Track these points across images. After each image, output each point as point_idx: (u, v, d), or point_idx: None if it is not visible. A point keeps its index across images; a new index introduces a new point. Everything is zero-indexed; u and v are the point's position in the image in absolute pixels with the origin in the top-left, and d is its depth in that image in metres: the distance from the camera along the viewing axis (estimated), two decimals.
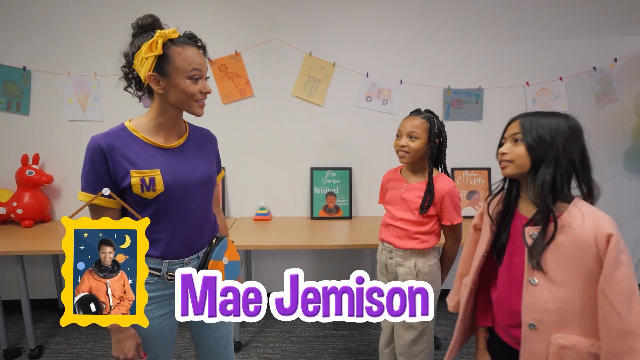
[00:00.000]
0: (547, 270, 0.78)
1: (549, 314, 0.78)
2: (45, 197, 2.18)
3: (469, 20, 2.19)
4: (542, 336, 0.79)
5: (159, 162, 0.92)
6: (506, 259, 0.90)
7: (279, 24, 2.15)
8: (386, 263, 1.37)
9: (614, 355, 0.71)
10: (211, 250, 1.01)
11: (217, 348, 1.11)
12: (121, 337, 0.91)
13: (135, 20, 0.91)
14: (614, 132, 2.33)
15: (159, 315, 0.97)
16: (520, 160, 0.83)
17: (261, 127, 2.24)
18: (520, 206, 0.90)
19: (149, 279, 0.95)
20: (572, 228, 0.76)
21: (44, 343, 2.01)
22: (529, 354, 0.81)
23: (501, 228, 0.91)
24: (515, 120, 0.88)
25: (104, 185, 0.87)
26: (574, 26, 2.21)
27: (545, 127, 0.82)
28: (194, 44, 0.91)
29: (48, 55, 2.12)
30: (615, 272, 0.71)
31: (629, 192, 2.41)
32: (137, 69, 0.91)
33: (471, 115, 2.28)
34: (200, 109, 0.94)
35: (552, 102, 2.28)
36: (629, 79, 2.27)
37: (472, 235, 1.06)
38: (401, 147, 1.29)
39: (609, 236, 0.73)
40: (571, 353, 0.75)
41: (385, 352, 1.49)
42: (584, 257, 0.75)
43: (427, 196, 1.26)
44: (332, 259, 2.43)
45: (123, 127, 0.92)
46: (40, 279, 2.33)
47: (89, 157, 0.87)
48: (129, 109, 2.16)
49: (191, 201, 0.97)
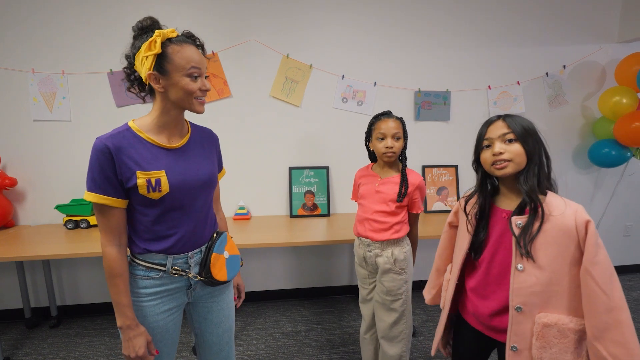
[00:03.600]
0: (534, 255, 0.83)
1: (534, 297, 0.84)
2: (8, 202, 2.06)
3: (437, 30, 2.33)
4: (527, 317, 0.85)
5: (164, 162, 0.93)
6: (487, 253, 0.94)
7: (256, 25, 2.17)
8: (365, 256, 1.46)
9: (602, 330, 0.77)
10: (212, 244, 1.04)
11: (220, 344, 1.13)
12: (132, 335, 0.91)
13: (136, 23, 0.92)
14: (565, 132, 2.58)
15: (164, 310, 0.99)
16: (519, 158, 0.87)
17: (239, 127, 2.25)
18: (499, 200, 0.95)
19: (154, 274, 0.96)
20: (554, 216, 0.83)
21: (11, 355, 1.91)
22: (515, 335, 0.87)
23: (480, 226, 0.96)
24: (495, 121, 0.92)
25: (111, 185, 0.87)
26: (529, 36, 2.42)
27: (526, 126, 0.88)
28: (192, 43, 0.92)
29: (10, 51, 2.00)
30: (597, 254, 0.79)
31: (578, 186, 2.68)
32: (139, 69, 0.92)
33: (440, 116, 2.43)
34: (201, 106, 0.96)
35: (511, 104, 2.48)
36: (576, 84, 2.53)
37: (447, 232, 1.11)
38: (389, 149, 1.36)
39: (587, 222, 0.81)
40: (553, 330, 0.82)
41: (366, 337, 1.58)
42: (566, 242, 0.82)
43: (402, 188, 1.37)
44: (311, 255, 2.49)
45: (128, 128, 0.92)
46: (4, 288, 2.20)
47: (96, 157, 0.86)
48: (100, 109, 2.11)
49: (195, 200, 0.99)
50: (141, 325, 0.94)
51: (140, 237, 0.95)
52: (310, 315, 2.30)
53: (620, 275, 2.87)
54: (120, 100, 2.12)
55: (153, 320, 0.97)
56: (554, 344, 0.83)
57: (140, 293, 0.96)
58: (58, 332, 2.12)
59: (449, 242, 1.11)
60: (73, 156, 2.13)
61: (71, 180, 2.14)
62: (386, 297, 1.41)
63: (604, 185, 2.70)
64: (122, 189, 0.90)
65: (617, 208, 2.74)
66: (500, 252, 0.92)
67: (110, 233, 0.90)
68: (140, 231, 0.95)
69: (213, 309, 1.10)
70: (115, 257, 0.90)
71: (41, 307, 2.26)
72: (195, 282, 1.03)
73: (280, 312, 2.34)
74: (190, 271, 1.00)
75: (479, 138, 0.95)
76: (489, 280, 0.95)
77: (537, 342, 0.84)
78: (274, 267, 2.47)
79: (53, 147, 2.11)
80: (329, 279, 2.55)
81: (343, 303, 2.46)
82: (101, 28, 2.05)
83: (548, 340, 0.83)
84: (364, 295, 1.54)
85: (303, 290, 2.53)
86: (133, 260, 0.97)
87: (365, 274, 1.50)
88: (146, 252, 0.95)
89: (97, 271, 2.28)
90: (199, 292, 1.06)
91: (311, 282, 2.54)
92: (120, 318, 0.91)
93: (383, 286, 1.41)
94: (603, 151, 2.41)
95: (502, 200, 0.95)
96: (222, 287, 1.11)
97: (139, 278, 0.96)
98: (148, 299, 0.96)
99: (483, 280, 0.96)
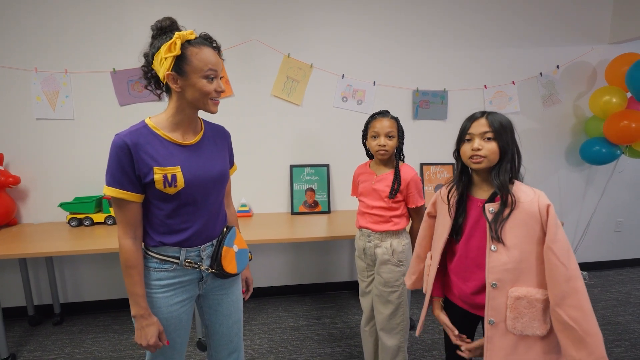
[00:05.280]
0: (504, 238, 0.94)
1: (507, 274, 0.94)
2: (11, 200, 2.07)
3: (436, 31, 2.39)
4: (501, 292, 0.95)
5: (179, 159, 0.97)
6: (465, 236, 1.05)
7: (257, 25, 2.21)
8: (364, 247, 1.52)
9: (562, 297, 0.88)
10: (223, 238, 1.08)
11: (230, 335, 1.17)
12: (144, 324, 0.95)
13: (155, 23, 0.95)
14: (557, 130, 2.66)
15: (177, 302, 1.02)
16: (493, 155, 0.97)
17: (241, 126, 2.28)
18: (474, 191, 1.06)
19: (168, 266, 1.00)
20: (522, 202, 0.94)
21: (16, 352, 1.92)
22: (492, 310, 0.97)
23: (459, 212, 1.07)
24: (478, 118, 1.01)
25: (129, 180, 0.91)
26: (524, 37, 2.49)
27: (505, 125, 0.98)
28: (209, 45, 0.95)
29: (12, 50, 2.01)
30: (557, 233, 0.90)
31: (569, 183, 2.76)
32: (156, 69, 0.95)
33: (437, 115, 2.48)
34: (215, 106, 1.00)
35: (506, 103, 2.55)
36: (569, 84, 2.60)
37: (427, 221, 1.20)
38: (382, 147, 1.42)
39: (548, 206, 0.92)
40: (523, 302, 0.93)
41: (366, 329, 1.64)
42: (532, 224, 0.93)
43: (394, 184, 1.43)
44: (312, 251, 2.53)
45: (145, 125, 0.95)
46: (8, 286, 2.21)
47: (115, 153, 0.89)
48: (102, 107, 2.13)
49: (208, 196, 1.03)
50: (154, 315, 0.98)
51: (156, 230, 0.99)
52: (312, 311, 2.35)
53: (612, 269, 2.96)
54: (123, 99, 2.14)
55: (167, 312, 1.01)
56: (524, 314, 0.93)
57: (155, 285, 0.99)
58: (62, 329, 2.14)
59: (428, 231, 1.20)
60: (76, 154, 2.15)
61: (74, 178, 2.16)
62: (384, 289, 1.46)
63: (595, 182, 2.78)
64: (139, 184, 0.93)
65: (608, 204, 2.83)
66: (476, 236, 1.02)
67: (127, 226, 0.94)
68: (156, 224, 0.98)
69: (223, 301, 1.14)
70: (131, 248, 0.94)
71: (44, 304, 2.27)
72: (206, 274, 1.07)
73: (282, 308, 2.38)
74: (202, 264, 1.04)
75: (462, 131, 1.05)
76: (468, 263, 1.04)
77: (511, 314, 0.94)
78: (276, 263, 2.51)
79: (56, 145, 2.13)
80: (330, 275, 2.60)
81: (343, 298, 2.51)
82: (104, 27, 2.07)
83: (520, 311, 0.93)
84: (363, 288, 1.60)
85: (304, 286, 2.58)
86: (147, 253, 1.00)
87: (364, 266, 1.55)
88: (161, 245, 0.99)
89: (100, 268, 2.30)
90: (210, 284, 1.10)
91: (312, 278, 2.58)
92: (134, 307, 0.95)
93: (381, 277, 1.46)
94: (594, 149, 2.48)
95: (476, 190, 1.06)
96: (231, 280, 1.15)
97: (153, 270, 0.99)
98: (162, 290, 1.00)
99: (463, 263, 1.06)
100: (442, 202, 1.12)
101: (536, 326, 0.93)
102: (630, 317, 2.27)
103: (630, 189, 2.87)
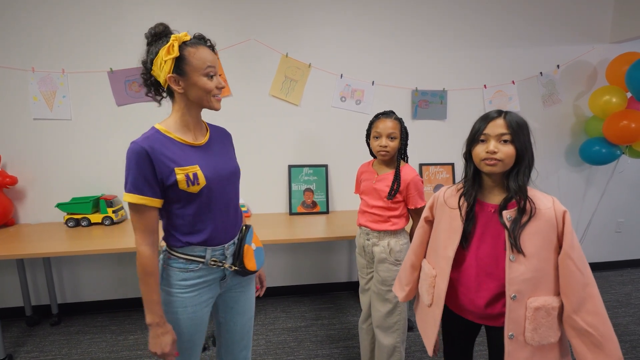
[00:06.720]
0: (523, 246, 0.90)
1: (525, 284, 0.90)
2: (8, 200, 2.06)
3: (435, 30, 2.37)
4: (520, 304, 0.91)
5: (195, 158, 0.98)
6: (474, 243, 0.98)
7: (255, 24, 2.19)
8: (364, 245, 1.52)
9: (580, 304, 0.86)
10: (244, 236, 1.10)
11: (242, 332, 1.19)
12: (159, 332, 0.95)
13: (148, 30, 0.96)
14: (557, 130, 2.64)
15: (202, 301, 1.04)
16: (509, 159, 0.91)
17: (239, 125, 2.27)
18: (484, 195, 0.99)
19: (194, 266, 1.01)
20: (540, 209, 0.90)
21: (13, 352, 1.92)
22: (511, 323, 0.92)
23: (468, 217, 0.99)
24: (495, 118, 0.93)
25: (149, 186, 0.92)
26: (524, 36, 2.47)
27: (522, 125, 0.93)
28: (204, 44, 0.98)
29: (9, 49, 2.00)
30: (573, 240, 0.88)
31: (569, 183, 2.74)
32: (157, 74, 0.96)
33: (436, 114, 2.47)
34: (218, 103, 1.01)
35: (506, 103, 2.53)
36: (569, 83, 2.58)
37: (423, 227, 1.12)
38: (382, 148, 1.42)
39: (564, 213, 0.90)
40: (541, 312, 0.90)
41: (364, 327, 1.64)
42: (548, 231, 0.90)
43: (394, 185, 1.42)
44: (310, 252, 2.52)
45: (156, 130, 0.96)
46: (5, 287, 2.20)
47: (134, 161, 0.90)
48: (100, 107, 2.12)
49: (227, 192, 1.05)
50: (168, 323, 0.97)
51: (180, 231, 0.99)
52: (310, 311, 2.34)
53: (612, 270, 2.94)
54: (120, 99, 2.13)
55: (192, 311, 1.01)
56: (542, 324, 0.91)
57: (180, 285, 1.00)
58: (59, 330, 2.13)
59: (424, 237, 1.13)
60: (73, 155, 2.14)
61: (71, 179, 2.15)
62: (381, 287, 1.46)
63: (595, 182, 2.77)
64: (160, 189, 0.94)
65: (608, 205, 2.81)
66: (486, 243, 0.97)
67: (145, 232, 0.94)
68: (180, 225, 0.99)
69: (240, 299, 1.16)
70: (149, 255, 0.94)
71: (42, 305, 2.27)
72: (229, 272, 1.08)
73: (280, 309, 2.37)
74: (226, 262, 1.06)
75: (475, 131, 0.97)
76: (479, 272, 0.98)
77: (530, 326, 0.91)
78: (274, 264, 2.50)
79: (53, 145, 2.12)
80: (328, 276, 2.59)
81: (342, 299, 2.50)
82: (101, 27, 2.06)
83: (538, 321, 0.91)
84: (362, 285, 1.60)
85: (302, 286, 2.57)
86: (172, 254, 1.01)
87: (364, 263, 1.55)
88: (187, 245, 1.00)
89: (98, 269, 2.30)
90: (230, 282, 1.12)
91: (310, 278, 2.57)
92: (149, 315, 0.94)
93: (379, 275, 1.46)
94: (594, 149, 2.46)
95: (486, 194, 0.99)
96: (248, 278, 1.18)
97: (178, 271, 1.00)
98: (188, 290, 1.01)
99: (473, 272, 0.99)
100: (443, 206, 1.05)
101: (551, 334, 0.91)
102: (630, 319, 2.25)
103: (631, 189, 2.85)
